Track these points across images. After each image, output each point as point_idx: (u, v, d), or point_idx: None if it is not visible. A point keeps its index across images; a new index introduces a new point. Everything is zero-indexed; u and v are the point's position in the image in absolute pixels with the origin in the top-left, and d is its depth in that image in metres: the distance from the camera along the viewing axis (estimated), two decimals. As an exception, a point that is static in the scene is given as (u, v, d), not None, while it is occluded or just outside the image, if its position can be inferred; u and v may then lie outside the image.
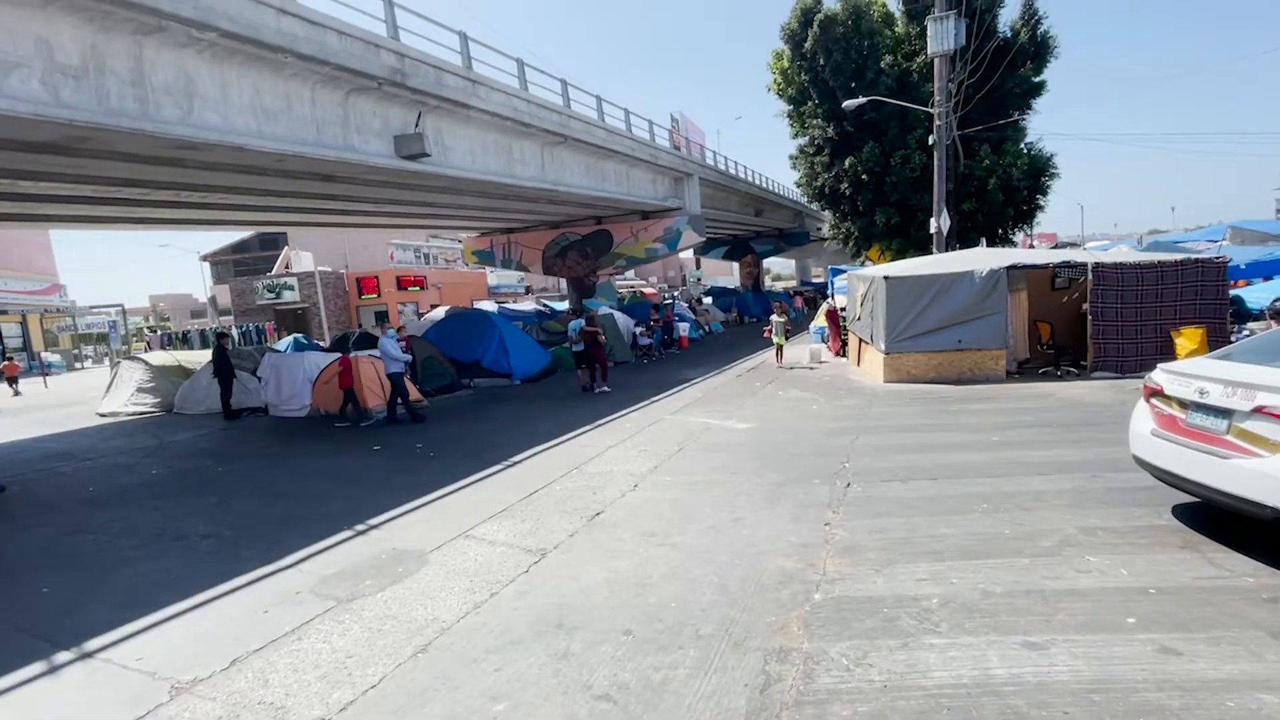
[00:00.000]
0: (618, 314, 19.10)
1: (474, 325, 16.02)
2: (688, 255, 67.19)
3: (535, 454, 8.44)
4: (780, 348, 13.87)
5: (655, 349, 18.81)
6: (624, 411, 10.93)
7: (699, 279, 75.55)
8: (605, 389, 13.54)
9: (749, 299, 35.88)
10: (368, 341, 17.48)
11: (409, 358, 11.61)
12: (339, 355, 13.10)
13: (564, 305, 33.37)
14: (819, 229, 48.50)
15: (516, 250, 29.33)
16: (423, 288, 38.10)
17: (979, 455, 6.76)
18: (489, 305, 27.81)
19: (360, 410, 11.48)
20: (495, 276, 45.62)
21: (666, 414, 10.44)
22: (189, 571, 5.32)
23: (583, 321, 13.96)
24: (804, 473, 6.62)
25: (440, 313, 24.03)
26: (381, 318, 36.43)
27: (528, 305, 31.51)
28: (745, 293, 40.77)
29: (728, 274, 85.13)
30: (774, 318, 13.89)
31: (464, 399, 13.54)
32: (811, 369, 14.00)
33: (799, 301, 36.29)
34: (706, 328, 26.73)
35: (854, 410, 9.57)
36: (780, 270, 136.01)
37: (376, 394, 11.98)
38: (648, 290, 52.85)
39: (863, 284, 13.13)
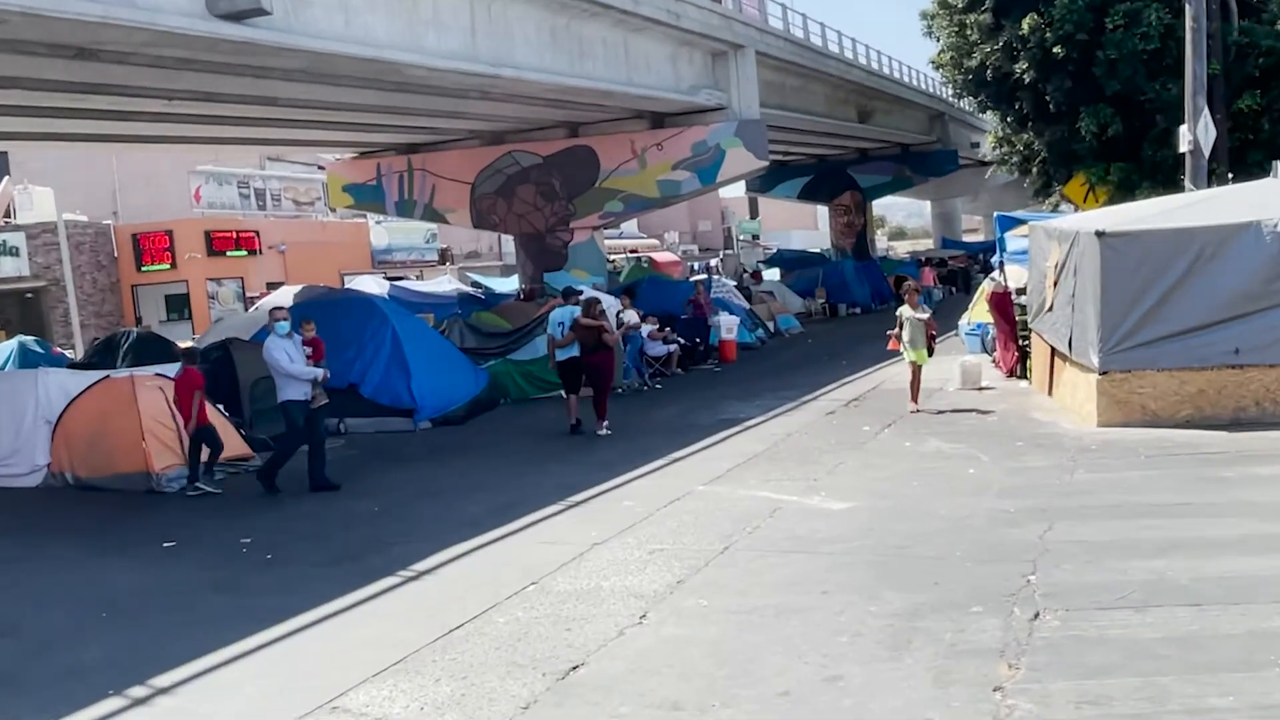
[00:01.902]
0: (606, 298, 19.10)
1: (347, 323, 16.02)
2: (735, 193, 67.57)
3: (459, 556, 8.36)
4: (917, 370, 13.60)
5: (635, 368, 18.70)
6: (621, 478, 10.85)
7: (755, 236, 76.03)
8: (604, 431, 13.70)
9: (848, 272, 35.97)
10: (155, 352, 17.49)
11: (319, 373, 11.70)
12: (105, 374, 13.11)
13: (510, 284, 33.44)
14: (974, 145, 48.64)
15: (424, 184, 29.47)
16: (254, 251, 38.21)
17: (1275, 561, 6.72)
18: (374, 285, 27.83)
19: (198, 465, 11.75)
20: (385, 231, 45.82)
21: (698, 483, 10.36)
22: None
23: (574, 310, 14.10)
24: (953, 592, 6.57)
25: (286, 296, 24.10)
26: (180, 305, 36.55)
27: (444, 284, 31.55)
28: (842, 260, 40.92)
29: (807, 225, 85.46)
30: (903, 311, 13.62)
31: (329, 454, 13.51)
32: (978, 412, 13.90)
33: (930, 277, 36.31)
34: (769, 325, 26.78)
35: (1043, 477, 9.47)
36: (902, 218, 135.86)
37: (167, 444, 12.06)
38: (662, 257, 53.15)
39: (1056, 245, 13.13)
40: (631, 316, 18.52)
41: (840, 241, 48.67)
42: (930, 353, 13.72)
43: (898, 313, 13.74)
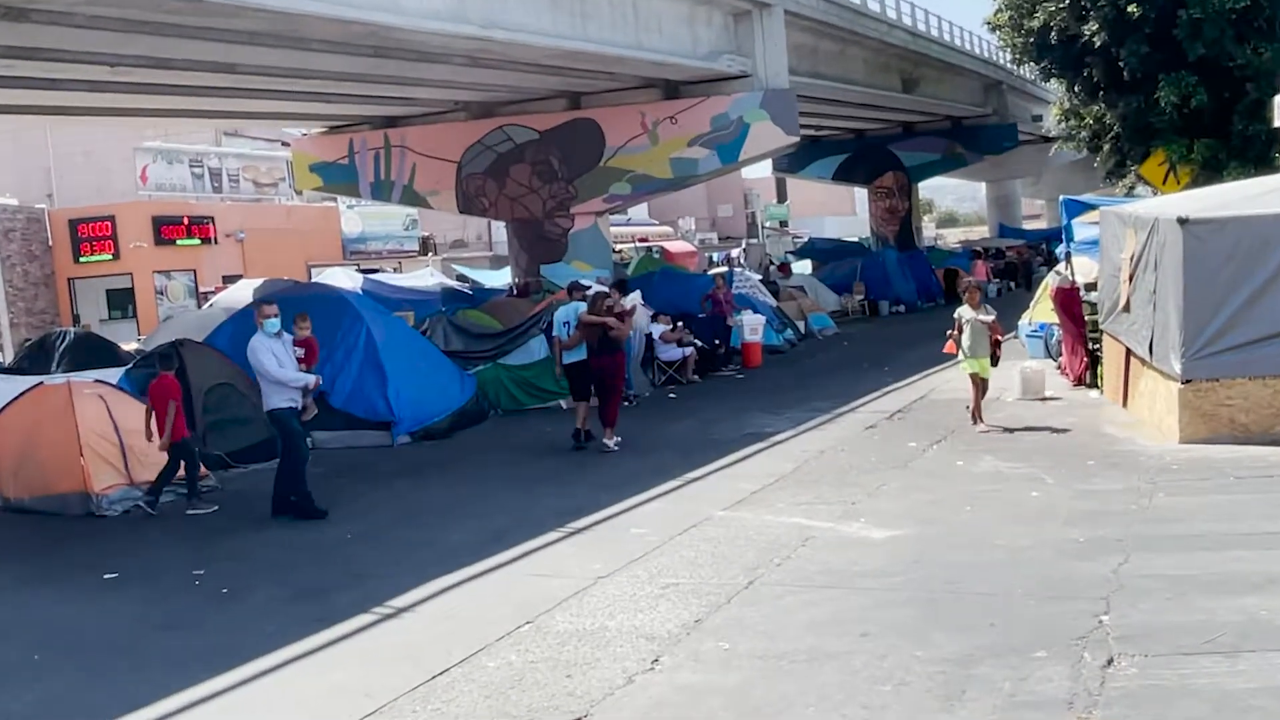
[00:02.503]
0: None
1: (315, 322, 16.01)
2: (761, 173, 67.64)
3: (443, 591, 8.36)
4: (982, 383, 13.41)
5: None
6: (629, 501, 10.87)
7: (783, 223, 75.91)
8: (613, 444, 13.79)
9: (890, 264, 35.98)
10: (95, 355, 17.52)
11: (310, 379, 11.76)
12: (38, 380, 13.12)
13: (501, 278, 33.44)
14: (1036, 118, 48.55)
15: (404, 163, 29.51)
16: (208, 239, 38.38)
17: (1388, 599, 6.67)
18: (345, 278, 27.88)
19: (165, 484, 11.87)
20: (359, 217, 45.99)
21: (718, 507, 10.37)
22: None
23: (580, 307, 14.21)
24: (1013, 634, 6.55)
25: (244, 292, 24.19)
26: (123, 301, 36.67)
27: (426, 277, 31.59)
28: (883, 251, 40.81)
29: (844, 211, 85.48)
30: (963, 312, 13.45)
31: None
32: (1043, 428, 13.80)
33: (983, 270, 36.20)
34: (800, 325, 26.77)
35: (1118, 502, 9.46)
36: (953, 203, 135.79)
37: (109, 461, 12.11)
38: (676, 246, 53.13)
39: (1132, 234, 13.11)
40: (634, 298, 18.41)
41: (881, 229, 48.58)
42: (995, 362, 13.49)
43: (956, 314, 13.46)
